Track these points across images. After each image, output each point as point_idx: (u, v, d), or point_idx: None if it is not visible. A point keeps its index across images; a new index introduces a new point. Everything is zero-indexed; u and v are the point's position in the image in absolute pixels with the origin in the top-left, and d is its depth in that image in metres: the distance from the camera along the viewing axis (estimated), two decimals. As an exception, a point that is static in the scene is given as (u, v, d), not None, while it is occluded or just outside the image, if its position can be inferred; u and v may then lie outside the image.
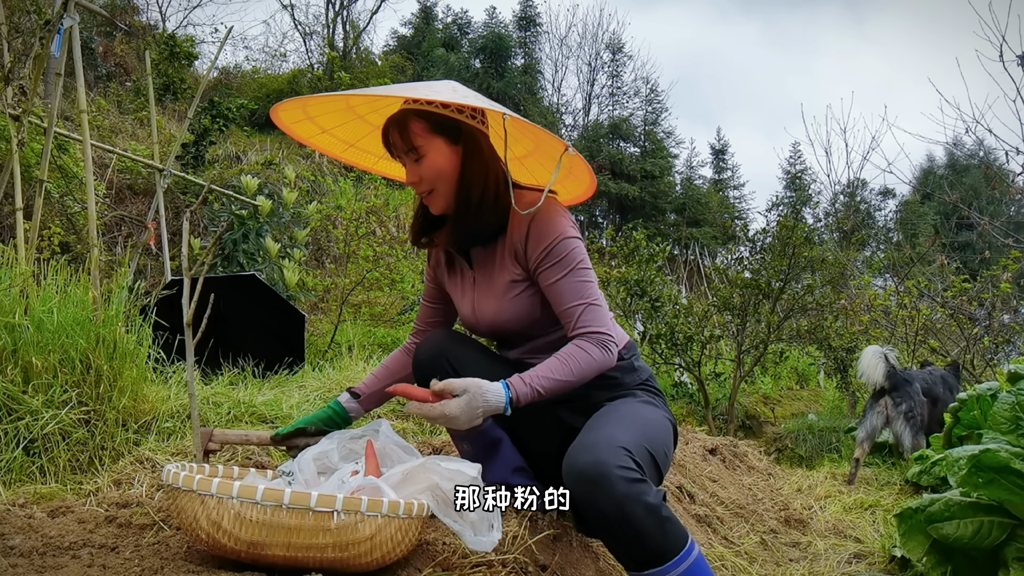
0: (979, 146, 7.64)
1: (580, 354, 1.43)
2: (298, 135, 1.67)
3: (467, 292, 1.64)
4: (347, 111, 1.67)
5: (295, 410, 2.69)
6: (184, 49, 10.06)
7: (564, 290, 1.48)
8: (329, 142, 1.73)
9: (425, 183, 1.53)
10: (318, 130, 1.69)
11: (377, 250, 6.56)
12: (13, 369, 2.03)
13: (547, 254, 1.48)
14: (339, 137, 1.73)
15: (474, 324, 1.66)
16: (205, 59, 13.61)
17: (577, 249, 1.49)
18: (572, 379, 1.42)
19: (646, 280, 6.30)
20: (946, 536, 1.91)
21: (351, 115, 1.69)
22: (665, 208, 20.51)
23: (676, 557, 1.26)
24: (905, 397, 3.72)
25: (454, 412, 1.33)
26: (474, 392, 1.35)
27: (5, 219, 5.38)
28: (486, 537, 1.29)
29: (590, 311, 1.46)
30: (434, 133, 1.50)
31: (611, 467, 1.24)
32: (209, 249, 1.94)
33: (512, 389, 1.38)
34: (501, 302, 1.57)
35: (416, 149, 1.50)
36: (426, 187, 1.53)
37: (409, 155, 1.52)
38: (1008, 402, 2.02)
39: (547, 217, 1.50)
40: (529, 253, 1.51)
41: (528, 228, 1.50)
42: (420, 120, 1.49)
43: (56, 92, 3.21)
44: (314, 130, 1.68)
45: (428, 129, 1.50)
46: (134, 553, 1.35)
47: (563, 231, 1.49)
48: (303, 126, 1.66)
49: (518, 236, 1.52)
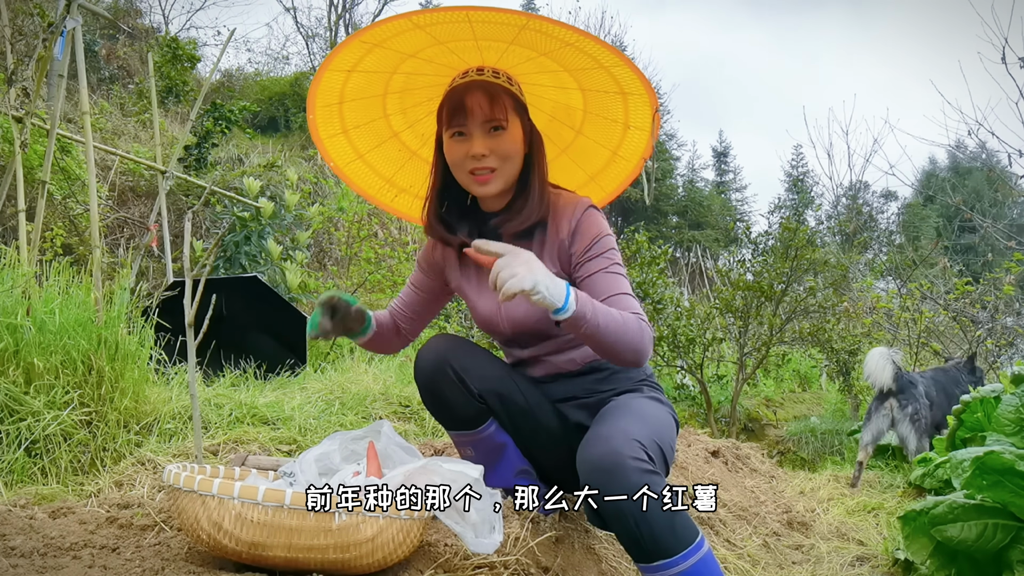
0: (981, 148, 7.62)
1: (633, 322, 1.36)
2: (330, 158, 1.66)
3: (486, 288, 1.58)
4: (383, 118, 1.66)
5: (297, 412, 2.68)
6: (187, 52, 10.07)
7: (607, 279, 1.47)
8: (362, 174, 1.73)
9: (494, 158, 1.48)
10: (354, 154, 1.69)
11: (379, 252, 6.56)
12: (15, 370, 2.03)
13: (593, 246, 1.49)
14: (374, 163, 1.73)
15: (496, 323, 1.60)
16: (207, 62, 13.62)
17: (616, 249, 1.52)
18: (619, 332, 1.33)
19: (648, 282, 6.29)
20: (950, 539, 1.90)
21: (387, 133, 1.69)
22: (667, 211, 20.51)
23: (686, 551, 1.27)
24: (911, 399, 3.70)
25: (522, 252, 1.27)
26: (529, 257, 1.28)
27: (8, 221, 5.39)
28: (487, 539, 1.29)
29: (630, 300, 1.44)
30: (516, 112, 1.51)
31: (626, 458, 1.25)
32: (211, 251, 1.94)
33: (572, 290, 1.30)
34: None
35: (499, 120, 1.47)
36: (494, 163, 1.49)
37: (485, 125, 1.47)
38: (1012, 404, 2.01)
39: (594, 215, 1.53)
40: (575, 246, 1.51)
41: (577, 222, 1.51)
42: (507, 96, 1.49)
43: (59, 94, 3.22)
44: (350, 153, 1.68)
45: (513, 106, 1.50)
46: (135, 554, 1.35)
47: (606, 229, 1.52)
48: (336, 141, 1.65)
49: (566, 229, 1.51)
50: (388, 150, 1.74)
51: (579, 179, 1.80)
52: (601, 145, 1.72)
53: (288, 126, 14.63)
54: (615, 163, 1.75)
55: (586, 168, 1.79)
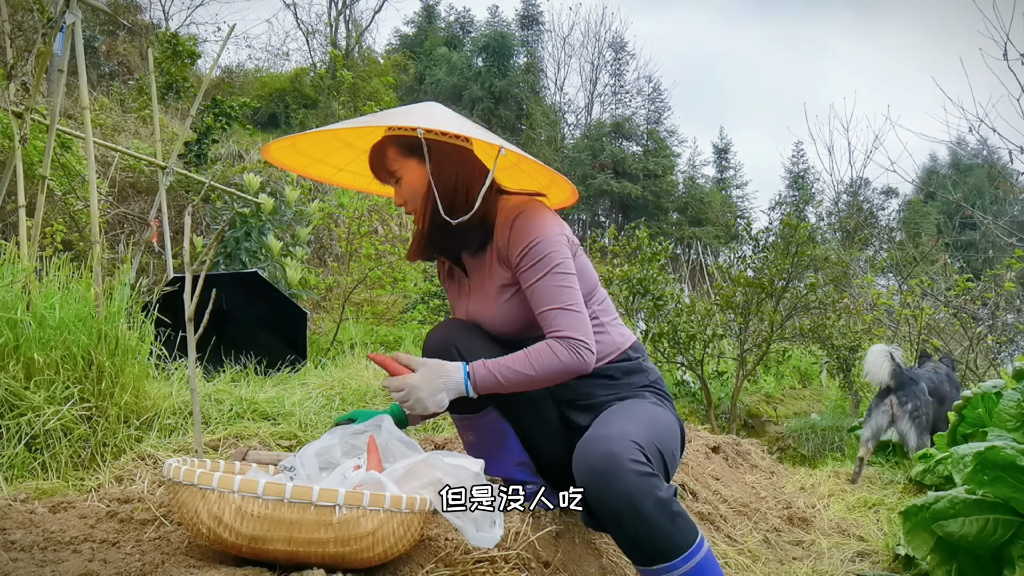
0: (983, 145, 7.59)
1: (547, 353, 1.44)
2: (294, 168, 1.74)
3: (462, 299, 1.68)
4: (333, 140, 1.73)
5: (297, 407, 2.68)
6: (187, 48, 10.06)
7: (541, 293, 1.48)
8: (320, 169, 1.79)
9: (409, 204, 1.58)
10: (309, 160, 1.75)
11: (379, 248, 6.55)
12: (15, 365, 2.03)
13: (524, 255, 1.49)
14: (330, 163, 1.79)
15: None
16: (208, 58, 13.61)
17: (556, 252, 1.48)
18: (533, 375, 1.43)
19: (649, 279, 6.28)
20: (951, 534, 1.90)
21: (339, 143, 1.74)
22: (668, 207, 20.51)
23: (685, 553, 1.26)
24: (911, 396, 3.70)
25: (415, 382, 1.42)
26: (433, 366, 1.44)
27: (8, 216, 5.39)
28: (488, 533, 1.29)
29: (564, 316, 1.46)
30: (407, 156, 1.55)
31: (623, 460, 1.24)
32: (211, 246, 1.94)
33: (471, 370, 1.44)
34: (493, 307, 1.59)
35: (394, 173, 1.56)
36: (410, 207, 1.59)
37: (391, 180, 1.59)
38: (1014, 399, 2.01)
39: (528, 219, 1.51)
40: (511, 255, 1.52)
41: (510, 230, 1.52)
42: (394, 145, 1.55)
43: (59, 90, 3.20)
44: (305, 160, 1.75)
45: (401, 152, 1.55)
46: (135, 548, 1.34)
47: (541, 233, 1.49)
48: (294, 159, 1.72)
49: (502, 239, 1.54)
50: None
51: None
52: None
53: (288, 122, 14.63)
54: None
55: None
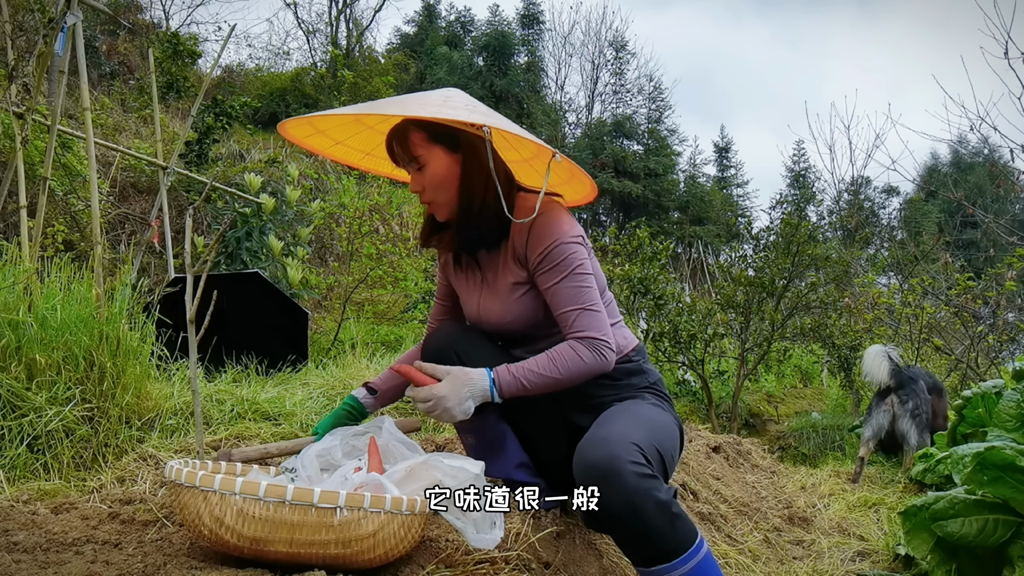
0: (984, 144, 7.59)
1: (570, 354, 1.44)
2: (314, 148, 1.69)
3: (474, 292, 1.66)
4: (355, 123, 1.69)
5: (298, 407, 2.69)
6: (187, 47, 10.05)
7: (561, 294, 1.48)
8: (346, 152, 1.75)
9: (428, 192, 1.54)
10: (332, 142, 1.71)
11: (380, 248, 6.56)
12: (17, 366, 2.03)
13: (544, 257, 1.49)
14: (354, 147, 1.75)
15: (478, 324, 1.67)
16: (208, 57, 13.61)
17: (575, 253, 1.49)
18: (559, 377, 1.43)
19: (649, 278, 6.28)
20: (951, 534, 1.90)
21: (360, 126, 1.70)
22: (668, 206, 20.46)
23: (685, 554, 1.26)
24: (911, 395, 3.70)
25: (442, 391, 1.40)
26: (457, 374, 1.42)
27: (9, 217, 5.39)
28: (488, 535, 1.29)
29: (585, 316, 1.46)
30: (433, 142, 1.51)
31: (623, 461, 1.24)
32: (212, 246, 1.94)
33: (496, 376, 1.42)
34: (505, 304, 1.58)
35: (417, 159, 1.52)
36: (429, 196, 1.55)
37: (411, 165, 1.54)
38: (1014, 400, 2.01)
39: (547, 220, 1.50)
40: (529, 256, 1.52)
41: (529, 231, 1.51)
42: (419, 130, 1.50)
43: (60, 90, 3.21)
44: (328, 142, 1.70)
45: (427, 139, 1.51)
46: (137, 549, 1.35)
47: (561, 235, 1.49)
48: (316, 139, 1.68)
49: (520, 239, 1.53)
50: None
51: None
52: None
53: (289, 122, 14.57)
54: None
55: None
